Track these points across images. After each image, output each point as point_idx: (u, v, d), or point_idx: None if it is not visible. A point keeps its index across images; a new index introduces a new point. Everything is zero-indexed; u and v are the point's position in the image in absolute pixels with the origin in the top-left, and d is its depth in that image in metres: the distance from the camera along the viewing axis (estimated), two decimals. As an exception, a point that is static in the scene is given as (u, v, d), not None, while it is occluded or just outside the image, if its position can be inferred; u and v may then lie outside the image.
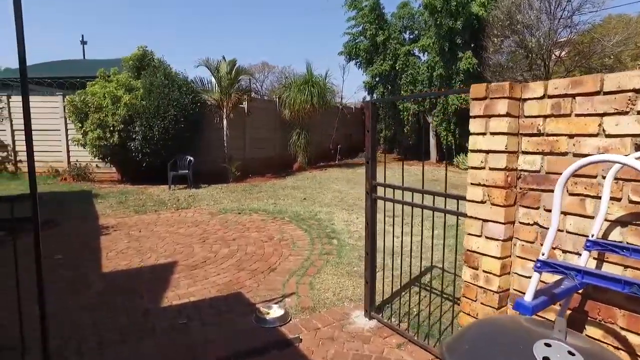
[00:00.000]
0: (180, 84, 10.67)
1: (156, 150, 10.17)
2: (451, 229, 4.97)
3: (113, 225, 6.56)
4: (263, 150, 13.53)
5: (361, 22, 15.78)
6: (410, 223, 3.40)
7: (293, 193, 9.60)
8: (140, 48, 10.89)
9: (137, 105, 9.96)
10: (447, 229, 5.68)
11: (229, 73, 11.23)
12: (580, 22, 12.84)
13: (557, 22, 12.57)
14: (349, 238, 5.83)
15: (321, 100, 13.44)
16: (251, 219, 7.08)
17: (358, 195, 9.41)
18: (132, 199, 8.80)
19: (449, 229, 5.61)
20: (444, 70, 14.83)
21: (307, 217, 7.15)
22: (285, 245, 5.47)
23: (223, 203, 8.50)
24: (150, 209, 7.86)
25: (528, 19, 12.48)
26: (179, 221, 6.87)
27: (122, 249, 5.29)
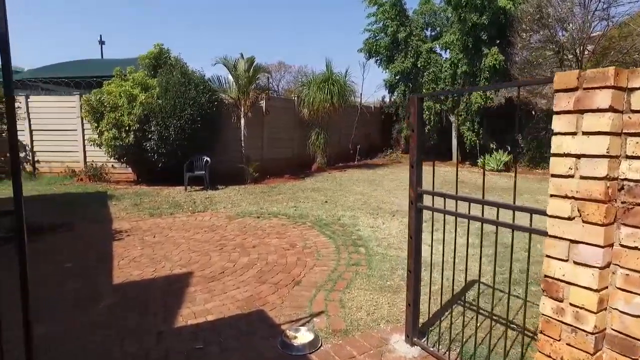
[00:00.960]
0: (197, 83, 10.37)
1: (172, 150, 9.89)
2: (488, 236, 4.52)
3: (127, 229, 6.25)
4: (281, 150, 13.17)
5: (382, 19, 15.27)
6: (466, 241, 2.93)
7: (313, 195, 9.19)
8: (156, 46, 10.63)
9: (153, 104, 9.69)
10: (485, 237, 5.21)
11: (247, 71, 10.89)
12: (617, 14, 12.09)
13: (591, 14, 11.89)
14: (378, 246, 5.38)
15: (341, 98, 13.01)
16: (271, 223, 6.70)
17: (382, 197, 8.96)
18: (147, 200, 8.52)
19: (487, 236, 5.13)
20: (468, 68, 14.24)
21: (330, 222, 6.74)
22: (309, 254, 5.06)
23: (241, 206, 8.15)
24: (166, 212, 7.56)
25: (560, 12, 11.83)
26: (195, 225, 6.52)
27: (134, 256, 4.95)
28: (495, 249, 2.73)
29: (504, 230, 5.68)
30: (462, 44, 14.17)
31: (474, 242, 4.95)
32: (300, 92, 13.59)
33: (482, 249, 3.52)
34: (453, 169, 14.44)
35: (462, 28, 13.64)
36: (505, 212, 2.44)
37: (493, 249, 4.93)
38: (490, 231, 5.52)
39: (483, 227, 2.87)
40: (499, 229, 2.59)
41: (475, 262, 4.12)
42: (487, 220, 2.55)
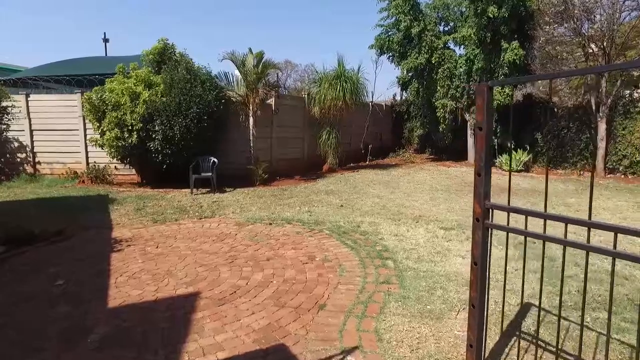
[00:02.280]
0: (203, 79, 9.82)
1: (177, 150, 9.35)
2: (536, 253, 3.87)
3: (127, 238, 5.70)
4: (291, 150, 12.60)
5: (394, 13, 14.63)
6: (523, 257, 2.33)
7: (327, 199, 8.61)
8: (160, 41, 10.09)
9: (156, 102, 9.15)
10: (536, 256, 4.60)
11: (256, 67, 10.33)
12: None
13: (621, 3, 11.18)
14: (407, 259, 4.79)
15: (354, 96, 12.42)
16: (284, 231, 6.13)
17: (401, 201, 8.37)
18: (151, 205, 7.98)
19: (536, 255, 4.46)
20: (484, 63, 13.58)
21: (349, 230, 6.15)
22: (331, 269, 4.48)
23: (251, 210, 7.58)
24: (170, 217, 7.01)
25: (587, 2, 11.15)
26: (202, 234, 5.97)
27: (134, 271, 4.39)
28: (586, 277, 2.12)
29: (554, 246, 5.02)
30: (478, 38, 13.52)
31: (531, 264, 4.31)
32: (310, 89, 13.00)
33: (529, 268, 2.93)
34: (469, 170, 13.80)
35: (479, 22, 12.97)
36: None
37: (552, 271, 4.24)
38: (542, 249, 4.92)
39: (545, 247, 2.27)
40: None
41: (533, 284, 3.46)
42: (576, 244, 1.95)
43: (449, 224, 6.53)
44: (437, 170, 13.48)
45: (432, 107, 15.57)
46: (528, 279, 4.16)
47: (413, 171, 13.29)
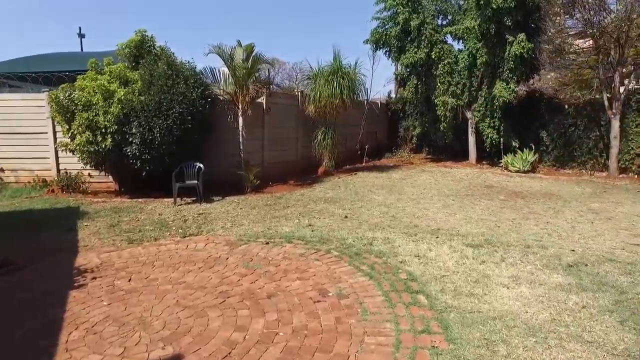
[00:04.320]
0: (186, 76, 8.77)
1: (158, 155, 8.29)
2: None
3: (94, 267, 4.67)
4: (284, 152, 11.62)
5: (392, 5, 13.73)
6: None
7: (329, 208, 7.66)
8: (138, 32, 9.00)
9: (133, 101, 8.09)
10: None
11: (245, 61, 9.31)
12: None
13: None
14: (442, 292, 3.87)
15: (351, 93, 11.48)
16: (285, 252, 5.17)
17: (411, 210, 7.47)
18: (127, 220, 6.93)
19: None
20: (488, 58, 12.77)
21: (361, 249, 5.22)
22: (350, 310, 3.54)
23: (243, 225, 6.60)
24: (149, 236, 5.98)
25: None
26: (186, 259, 4.96)
27: (96, 321, 3.38)
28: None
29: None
30: (481, 31, 12.71)
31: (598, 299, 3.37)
32: (304, 86, 12.03)
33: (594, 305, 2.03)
34: (473, 171, 13.02)
35: (483, 13, 12.15)
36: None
37: None
38: None
39: None
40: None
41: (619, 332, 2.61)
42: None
43: (474, 239, 5.64)
44: (439, 172, 12.63)
45: (431, 105, 14.72)
46: (603, 321, 3.26)
47: (414, 173, 12.42)
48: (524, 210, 7.55)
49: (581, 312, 3.44)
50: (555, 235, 5.93)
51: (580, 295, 3.75)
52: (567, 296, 3.74)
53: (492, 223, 6.60)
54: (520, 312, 3.45)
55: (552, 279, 4.18)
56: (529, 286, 4.03)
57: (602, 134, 12.51)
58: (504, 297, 3.77)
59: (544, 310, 3.47)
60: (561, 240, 5.66)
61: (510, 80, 12.35)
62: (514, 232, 6.03)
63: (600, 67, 11.41)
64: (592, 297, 3.70)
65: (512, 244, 5.38)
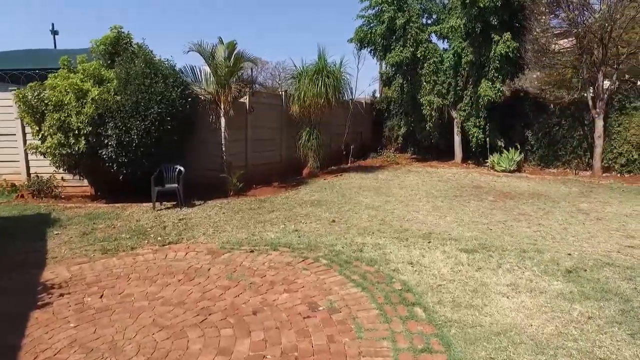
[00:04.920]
0: (165, 74, 8.38)
1: (136, 158, 7.88)
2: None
3: (63, 282, 4.29)
4: (268, 154, 11.28)
5: (377, 3, 13.54)
6: None
7: (315, 212, 7.39)
8: (114, 29, 8.55)
9: (109, 101, 7.66)
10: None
11: (227, 59, 8.96)
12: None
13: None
14: (439, 304, 3.64)
15: (337, 93, 11.22)
16: (271, 261, 4.87)
17: (400, 213, 7.25)
18: (102, 227, 6.52)
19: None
20: (474, 57, 12.68)
21: (352, 257, 4.96)
22: (343, 326, 3.28)
23: (226, 231, 6.27)
24: (125, 245, 5.60)
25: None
26: (165, 270, 4.62)
27: (60, 347, 3.03)
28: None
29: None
30: (467, 30, 12.62)
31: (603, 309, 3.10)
32: (289, 86, 11.73)
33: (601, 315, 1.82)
34: (459, 171, 12.91)
35: (469, 12, 12.05)
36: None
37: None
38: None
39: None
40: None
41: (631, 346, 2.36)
42: None
43: (467, 243, 5.45)
44: (426, 172, 12.48)
45: (416, 104, 14.58)
46: (613, 334, 3.07)
47: (401, 174, 12.24)
48: (514, 212, 7.41)
49: (588, 323, 3.25)
50: (549, 237, 5.78)
51: (584, 305, 3.57)
52: (571, 306, 3.55)
53: (484, 226, 6.43)
54: (524, 325, 3.24)
55: (553, 287, 3.99)
56: (529, 295, 3.83)
57: (586, 133, 12.56)
58: (505, 308, 3.55)
59: (549, 323, 3.27)
60: (556, 243, 5.52)
61: (495, 79, 12.28)
62: (507, 235, 5.86)
63: (584, 67, 11.42)
64: (597, 307, 3.52)
65: (507, 249, 5.20)
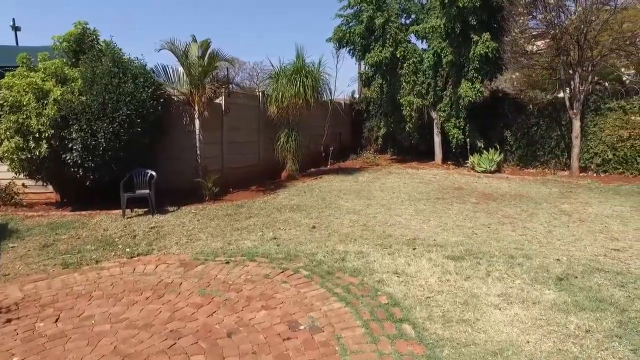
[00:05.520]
0: (135, 74, 7.94)
1: (103, 163, 7.42)
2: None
3: (12, 304, 3.85)
4: (245, 157, 10.91)
5: (356, 2, 13.34)
6: None
7: (295, 217, 7.09)
8: (78, 25, 8.05)
9: (73, 102, 7.18)
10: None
11: (201, 58, 8.57)
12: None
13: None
14: (429, 320, 3.39)
15: (315, 93, 10.95)
16: (248, 273, 4.55)
17: (382, 217, 7.02)
18: (65, 237, 6.06)
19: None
20: (454, 57, 12.62)
21: (334, 267, 4.68)
22: (326, 349, 2.99)
23: (200, 240, 5.91)
24: (90, 257, 5.17)
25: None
26: (132, 286, 4.24)
27: (4, 386, 2.66)
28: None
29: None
30: (446, 30, 12.55)
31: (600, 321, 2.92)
32: (266, 86, 11.39)
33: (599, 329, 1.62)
34: (440, 172, 12.83)
35: (449, 12, 11.97)
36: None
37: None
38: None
39: None
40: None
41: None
42: None
43: (454, 250, 5.25)
44: (407, 174, 12.34)
45: (396, 105, 14.44)
46: (614, 350, 2.88)
47: (382, 175, 12.06)
48: (497, 214, 7.28)
49: (586, 338, 3.06)
50: (535, 241, 5.64)
51: (580, 317, 3.39)
52: (567, 318, 3.37)
53: (469, 230, 6.25)
54: (520, 342, 3.02)
55: (545, 296, 3.81)
56: (522, 306, 3.63)
57: (563, 133, 12.66)
58: (498, 323, 3.34)
59: (546, 338, 3.07)
60: (542, 247, 5.37)
61: (475, 80, 12.24)
62: (493, 240, 5.69)
63: (561, 68, 11.49)
64: (594, 319, 3.34)
65: (494, 255, 5.02)
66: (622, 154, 11.72)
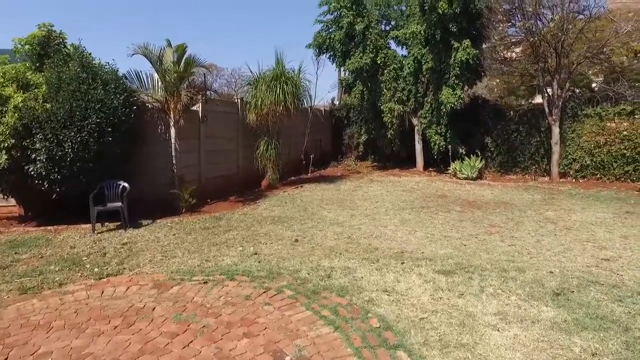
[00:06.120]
0: (106, 79, 7.52)
1: (71, 175, 6.96)
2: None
3: (-39, 338, 3.43)
4: (223, 166, 10.55)
5: (336, 7, 13.17)
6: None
7: (276, 230, 6.77)
8: (42, 27, 7.57)
9: (36, 109, 6.71)
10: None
11: (177, 64, 8.19)
12: (591, 6, 10.99)
13: (568, 5, 10.71)
14: (425, 344, 3.14)
15: (296, 100, 10.68)
16: (227, 294, 4.21)
17: (367, 229, 6.79)
18: (27, 257, 5.57)
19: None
20: (434, 63, 12.57)
21: (319, 285, 4.40)
22: (316, 385, 2.70)
23: (176, 257, 5.52)
24: (52, 280, 4.73)
25: (539, 1, 10.51)
26: (98, 313, 3.84)
27: None
28: None
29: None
30: (426, 37, 12.51)
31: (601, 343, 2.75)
32: (245, 93, 11.06)
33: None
34: (422, 179, 12.73)
35: (429, 18, 11.93)
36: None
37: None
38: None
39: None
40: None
41: None
42: None
43: (444, 263, 5.04)
44: (389, 182, 12.18)
45: (377, 112, 14.32)
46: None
47: (364, 184, 11.86)
48: (484, 223, 7.15)
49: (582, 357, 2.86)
50: (525, 252, 5.49)
51: (584, 337, 3.20)
52: (570, 339, 3.17)
53: (457, 241, 6.07)
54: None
55: (543, 314, 3.62)
56: (521, 326, 3.43)
57: (543, 139, 12.77)
58: (499, 347, 3.12)
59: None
60: (533, 258, 5.22)
61: (456, 86, 12.21)
62: (483, 252, 5.52)
63: (540, 75, 11.59)
64: (598, 339, 3.16)
65: (486, 268, 4.83)
66: (599, 159, 11.87)
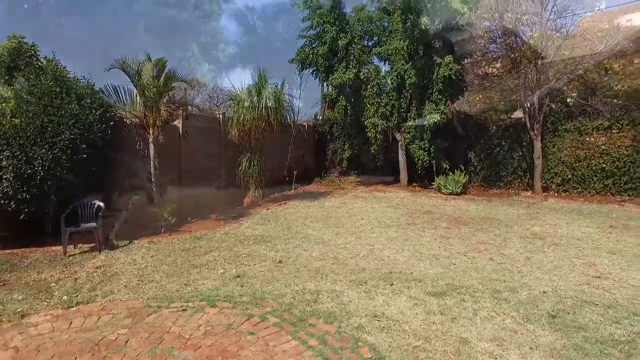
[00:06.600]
0: (81, 94, 7.24)
1: (42, 194, 6.58)
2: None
3: None
4: (204, 183, 10.26)
5: (319, 23, 13.19)
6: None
7: (259, 250, 6.51)
8: (12, 39, 7.27)
9: (3, 125, 6.35)
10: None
11: (156, 78, 7.96)
12: (568, 25, 11.24)
13: (545, 23, 10.93)
14: (421, 379, 2.93)
15: (279, 116, 10.52)
16: (207, 323, 3.93)
17: (354, 248, 6.59)
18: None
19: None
20: (417, 79, 12.63)
21: (306, 311, 4.16)
22: None
23: (153, 280, 5.21)
24: (13, 310, 4.36)
25: (519, 19, 10.69)
26: (64, 349, 3.51)
27: None
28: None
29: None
30: (409, 52, 12.59)
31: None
32: (227, 108, 10.84)
33: None
34: (407, 195, 12.65)
35: (412, 34, 12.02)
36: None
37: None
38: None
39: None
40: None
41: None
42: None
43: (434, 284, 4.86)
44: (374, 198, 12.06)
45: (360, 127, 14.28)
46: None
47: (348, 200, 11.70)
48: (472, 240, 7.03)
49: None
50: (516, 271, 5.37)
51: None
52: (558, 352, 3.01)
53: (446, 259, 5.92)
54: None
55: (541, 339, 3.46)
56: (519, 353, 3.26)
57: (525, 154, 12.87)
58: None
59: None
60: (524, 277, 5.10)
61: (439, 101, 12.27)
62: (473, 271, 5.37)
63: (521, 90, 11.73)
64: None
65: (477, 289, 4.68)
66: (580, 173, 12.00)
